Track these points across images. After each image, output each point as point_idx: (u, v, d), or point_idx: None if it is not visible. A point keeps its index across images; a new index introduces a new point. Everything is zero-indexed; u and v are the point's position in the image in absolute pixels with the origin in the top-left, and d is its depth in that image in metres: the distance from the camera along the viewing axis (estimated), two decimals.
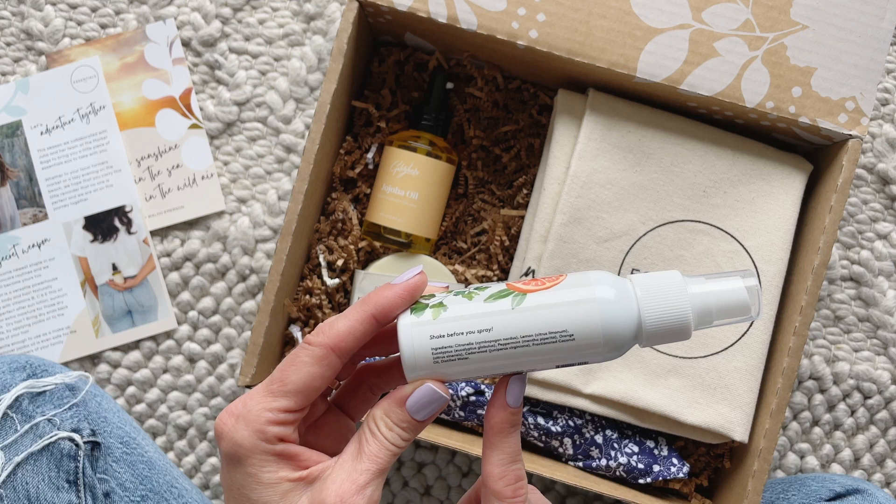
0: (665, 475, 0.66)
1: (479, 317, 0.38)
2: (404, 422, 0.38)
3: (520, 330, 0.37)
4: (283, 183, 0.78)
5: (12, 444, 0.54)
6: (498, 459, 0.39)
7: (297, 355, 0.38)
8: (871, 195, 0.78)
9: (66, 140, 0.77)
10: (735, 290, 0.38)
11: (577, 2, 0.62)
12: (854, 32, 0.62)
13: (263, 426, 0.37)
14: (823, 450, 0.78)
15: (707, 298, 0.38)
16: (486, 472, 0.39)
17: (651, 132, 0.65)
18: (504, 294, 0.38)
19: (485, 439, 0.39)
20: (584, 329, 0.37)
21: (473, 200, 0.73)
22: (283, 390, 0.38)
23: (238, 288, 0.77)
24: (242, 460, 0.38)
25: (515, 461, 0.39)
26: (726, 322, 0.38)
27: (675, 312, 0.37)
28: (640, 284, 0.38)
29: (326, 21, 0.78)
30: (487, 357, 0.38)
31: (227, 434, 0.38)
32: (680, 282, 0.38)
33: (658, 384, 0.65)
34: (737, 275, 0.39)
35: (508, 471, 0.38)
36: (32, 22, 0.78)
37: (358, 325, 0.38)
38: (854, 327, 0.78)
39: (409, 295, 0.39)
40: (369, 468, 0.38)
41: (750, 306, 0.38)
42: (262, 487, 0.37)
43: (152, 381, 0.78)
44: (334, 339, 0.38)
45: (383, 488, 0.77)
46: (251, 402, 0.38)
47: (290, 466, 0.38)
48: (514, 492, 0.38)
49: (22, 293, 0.76)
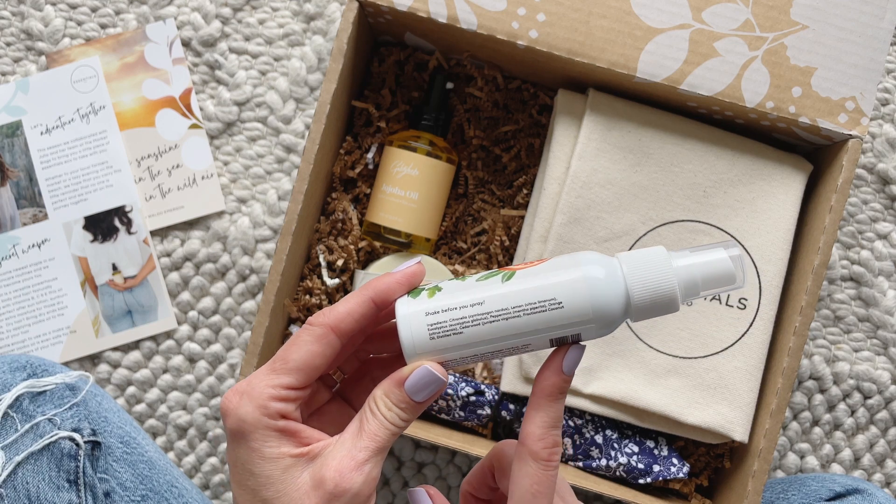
0: (665, 475, 0.66)
1: (472, 293, 0.39)
2: (403, 402, 0.39)
3: (510, 301, 0.39)
4: (283, 183, 0.78)
5: (13, 443, 0.54)
6: (542, 421, 0.40)
7: (299, 335, 0.40)
8: (871, 195, 0.78)
9: (66, 140, 0.77)
10: (719, 261, 0.39)
11: (577, 2, 0.62)
12: (854, 32, 0.62)
13: (266, 402, 0.39)
14: (823, 450, 0.78)
15: (692, 270, 0.39)
16: (527, 432, 0.40)
17: (651, 132, 0.65)
18: (494, 274, 0.40)
19: (531, 402, 0.40)
20: (574, 299, 0.38)
21: (473, 200, 0.73)
22: (285, 367, 0.39)
23: (238, 288, 0.77)
24: (246, 435, 0.39)
25: (556, 427, 0.40)
26: (713, 292, 0.39)
27: (662, 285, 0.39)
28: (626, 261, 0.39)
29: (326, 21, 0.78)
30: (481, 331, 0.39)
31: (231, 410, 0.39)
32: (665, 256, 0.39)
33: (658, 384, 0.65)
34: (720, 246, 0.40)
35: (549, 434, 0.39)
36: (32, 22, 0.78)
37: (357, 308, 0.40)
38: (854, 327, 0.78)
39: (407, 281, 0.41)
40: (368, 445, 0.39)
41: (735, 275, 0.39)
42: (265, 462, 0.38)
43: (152, 381, 0.78)
44: (334, 319, 0.40)
45: (383, 488, 0.77)
46: (255, 379, 0.39)
47: (292, 442, 0.39)
48: (549, 455, 0.39)
49: (22, 293, 0.76)
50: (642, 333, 0.65)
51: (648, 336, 0.65)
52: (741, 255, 0.40)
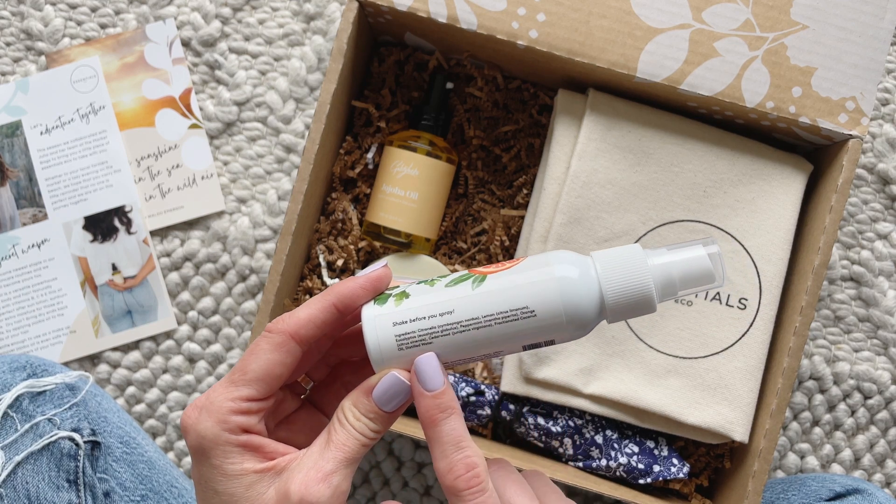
0: (665, 475, 0.66)
1: (441, 301, 0.37)
2: (372, 412, 0.38)
3: (481, 310, 0.37)
4: (283, 183, 0.78)
5: (12, 443, 0.54)
6: (440, 452, 0.37)
7: (258, 344, 0.38)
8: (872, 195, 0.78)
9: (66, 140, 0.77)
10: (697, 259, 0.38)
11: (577, 2, 0.62)
12: (854, 32, 0.62)
13: (226, 416, 0.37)
14: (823, 450, 0.78)
15: (669, 269, 0.37)
16: (435, 470, 0.37)
17: (651, 132, 0.65)
18: (465, 278, 0.38)
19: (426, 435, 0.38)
20: (546, 305, 0.37)
21: (473, 200, 0.73)
22: (244, 379, 0.38)
23: (238, 288, 0.77)
24: (207, 452, 0.37)
25: (460, 448, 0.37)
26: (692, 291, 0.38)
27: (637, 285, 0.37)
28: (600, 260, 0.38)
29: (326, 21, 0.78)
30: (452, 341, 0.37)
31: (190, 427, 0.38)
32: (640, 254, 0.37)
33: (658, 384, 0.65)
34: (698, 243, 0.38)
35: (454, 462, 0.36)
36: (32, 22, 0.78)
37: (318, 314, 0.38)
38: (854, 327, 0.78)
39: (372, 286, 0.39)
40: (336, 456, 0.37)
41: (714, 273, 0.38)
42: (227, 479, 0.37)
43: (152, 381, 0.78)
44: (294, 326, 0.38)
45: (382, 488, 0.77)
46: (214, 393, 0.38)
47: (255, 458, 0.37)
48: (466, 483, 0.36)
49: (22, 293, 0.76)
50: (642, 333, 0.65)
51: (648, 336, 0.65)
52: (719, 253, 0.38)
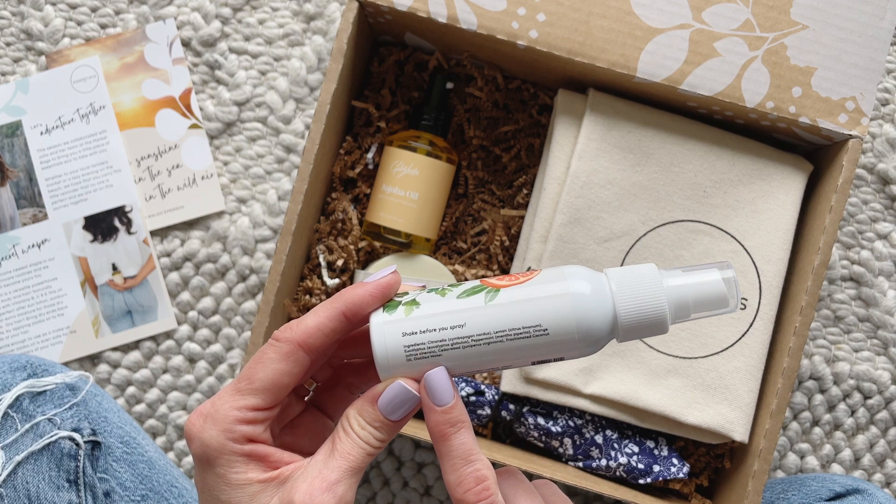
0: (665, 475, 0.66)
1: (453, 313, 0.37)
2: (377, 421, 0.37)
3: (493, 325, 0.37)
4: (283, 183, 0.78)
5: (13, 443, 0.54)
6: (449, 466, 0.37)
7: (265, 352, 0.38)
8: (871, 195, 0.78)
9: (66, 140, 0.77)
10: (712, 283, 0.37)
11: (577, 2, 0.62)
12: (854, 32, 0.62)
13: (231, 425, 0.37)
14: (823, 450, 0.78)
15: (683, 291, 0.37)
16: (445, 483, 0.37)
17: (651, 132, 0.65)
18: (477, 290, 0.38)
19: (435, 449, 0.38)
20: (559, 324, 0.36)
21: (473, 200, 0.73)
22: (250, 388, 0.37)
23: (238, 288, 0.77)
24: (212, 461, 0.37)
25: (469, 462, 0.37)
26: (704, 315, 0.38)
27: (651, 306, 0.37)
28: (616, 278, 0.37)
29: (326, 21, 0.78)
30: (461, 354, 0.37)
31: (195, 435, 0.37)
32: (655, 275, 0.37)
33: (658, 384, 0.65)
34: (714, 267, 0.38)
35: (464, 475, 0.36)
36: (32, 22, 0.78)
37: (327, 322, 0.38)
38: (854, 327, 0.78)
39: (381, 293, 0.38)
40: (341, 465, 0.36)
41: (728, 298, 0.37)
42: (231, 489, 0.37)
43: (152, 381, 0.78)
44: (302, 335, 0.37)
45: (383, 488, 0.77)
46: (219, 401, 0.37)
47: (260, 467, 0.37)
48: (476, 496, 0.36)
49: (22, 293, 0.76)
50: None
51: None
52: (735, 279, 0.37)
